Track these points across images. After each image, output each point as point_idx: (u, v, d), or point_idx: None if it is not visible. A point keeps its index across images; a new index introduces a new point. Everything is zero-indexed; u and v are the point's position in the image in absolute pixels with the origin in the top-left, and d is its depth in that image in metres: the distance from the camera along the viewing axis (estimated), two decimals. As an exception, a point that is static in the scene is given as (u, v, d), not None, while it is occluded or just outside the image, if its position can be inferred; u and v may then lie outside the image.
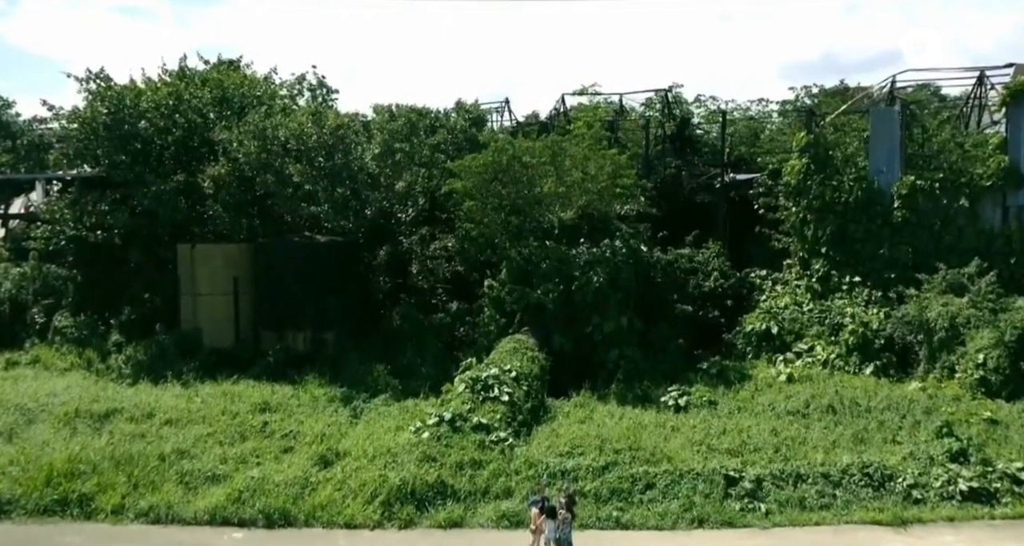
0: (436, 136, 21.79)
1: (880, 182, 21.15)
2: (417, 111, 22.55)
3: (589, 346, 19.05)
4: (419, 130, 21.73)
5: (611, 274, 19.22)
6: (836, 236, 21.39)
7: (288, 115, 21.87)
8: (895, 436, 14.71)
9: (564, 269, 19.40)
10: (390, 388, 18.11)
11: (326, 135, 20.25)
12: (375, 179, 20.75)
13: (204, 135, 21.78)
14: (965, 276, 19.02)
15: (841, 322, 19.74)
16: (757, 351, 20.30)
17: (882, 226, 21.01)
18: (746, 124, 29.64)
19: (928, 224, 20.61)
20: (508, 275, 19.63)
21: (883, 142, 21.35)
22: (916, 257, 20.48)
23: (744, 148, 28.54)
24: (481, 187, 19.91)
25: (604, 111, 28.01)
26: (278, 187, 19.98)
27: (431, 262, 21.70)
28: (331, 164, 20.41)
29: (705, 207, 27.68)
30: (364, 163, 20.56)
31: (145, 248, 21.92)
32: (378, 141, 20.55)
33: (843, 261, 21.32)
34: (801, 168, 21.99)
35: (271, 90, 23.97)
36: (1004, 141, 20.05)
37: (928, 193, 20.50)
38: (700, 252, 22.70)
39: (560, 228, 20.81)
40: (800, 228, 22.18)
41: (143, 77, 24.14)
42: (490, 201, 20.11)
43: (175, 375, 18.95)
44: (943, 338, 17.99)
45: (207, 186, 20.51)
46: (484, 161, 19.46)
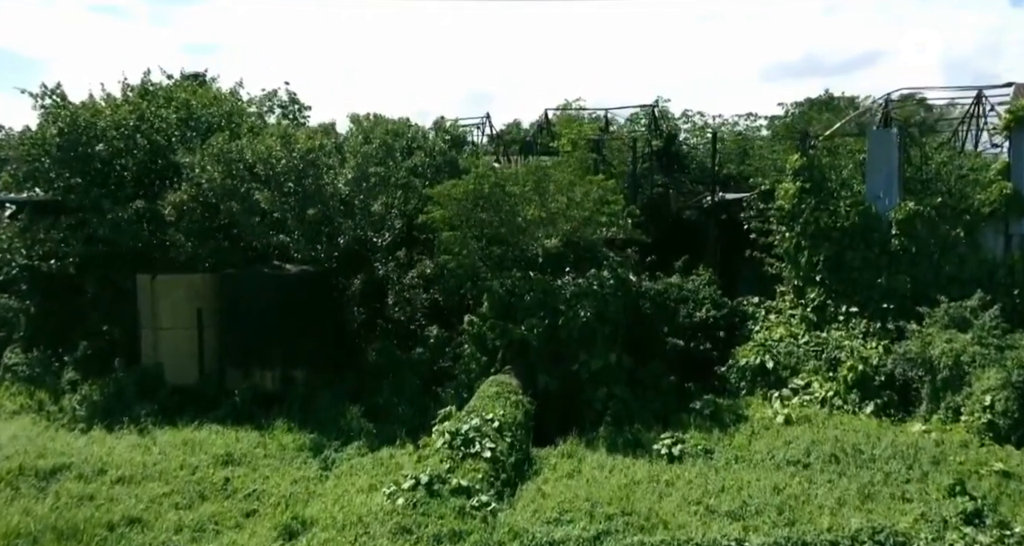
0: (413, 158, 20.62)
1: (877, 207, 20.31)
2: (394, 131, 21.37)
3: (576, 385, 18.00)
4: (395, 152, 20.55)
5: (599, 308, 18.20)
6: (832, 264, 20.53)
7: (257, 136, 20.60)
8: (904, 493, 13.77)
9: (549, 302, 18.34)
10: (364, 433, 16.96)
11: (296, 159, 19.01)
12: (348, 204, 19.54)
13: (167, 157, 20.43)
14: (967, 309, 18.18)
15: (839, 357, 18.86)
16: (751, 387, 19.38)
17: (880, 254, 20.17)
18: (734, 140, 28.73)
19: (927, 252, 19.79)
20: (490, 309, 18.52)
21: (880, 165, 20.50)
22: (915, 287, 19.65)
23: (733, 166, 27.65)
24: (461, 215, 18.79)
25: (589, 128, 26.95)
26: (244, 215, 18.73)
27: (409, 292, 20.53)
28: (301, 189, 19.17)
29: (693, 225, 26.81)
30: (337, 188, 19.34)
31: (102, 278, 20.56)
32: (351, 165, 19.34)
33: (839, 290, 20.46)
34: (795, 192, 21.10)
35: (239, 108, 22.65)
36: (1006, 167, 19.26)
37: (927, 220, 19.66)
38: (690, 279, 21.74)
39: (544, 257, 19.74)
40: (794, 254, 21.29)
41: (102, 93, 22.77)
42: (470, 230, 18.99)
43: (132, 419, 17.65)
44: (947, 377, 17.13)
45: (168, 213, 19.18)
46: (464, 189, 18.34)
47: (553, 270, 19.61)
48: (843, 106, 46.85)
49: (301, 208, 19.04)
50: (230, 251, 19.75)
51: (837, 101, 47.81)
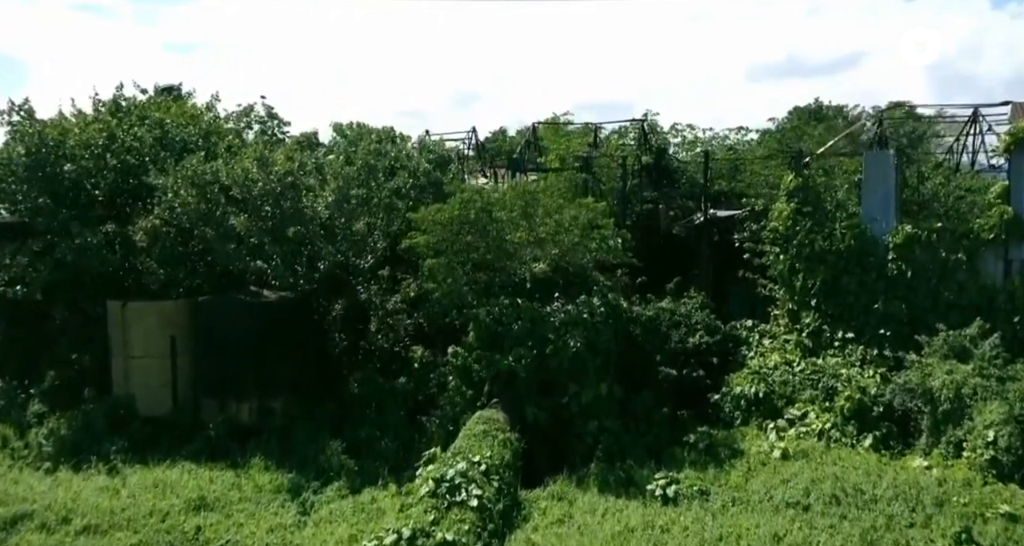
0: (397, 179, 19.87)
1: (874, 230, 19.79)
2: (377, 151, 20.61)
3: (565, 417, 17.35)
4: (378, 172, 19.80)
5: (589, 337, 17.56)
6: (827, 288, 20.01)
7: (234, 155, 19.80)
8: (908, 540, 13.22)
9: (538, 330, 17.68)
10: (345, 472, 16.22)
11: (273, 181, 18.22)
12: (329, 228, 18.79)
13: (140, 178, 19.58)
14: (967, 338, 17.68)
15: (836, 386, 18.31)
16: (746, 416, 18.82)
17: (876, 279, 19.65)
18: (725, 155, 28.18)
19: (925, 278, 19.27)
20: (476, 339, 17.82)
21: (876, 187, 19.98)
22: (913, 313, 19.15)
23: (724, 182, 27.10)
24: (445, 240, 18.08)
25: (577, 143, 26.30)
26: (219, 241, 17.92)
27: (392, 317, 19.79)
28: (279, 213, 18.39)
29: (684, 242, 26.27)
30: (316, 211, 18.57)
31: (71, 304, 19.70)
32: (332, 188, 18.58)
33: (835, 315, 19.95)
34: (789, 213, 20.56)
35: (215, 126, 21.81)
36: (1006, 190, 18.77)
37: (926, 244, 19.15)
38: (682, 303, 21.14)
39: (532, 282, 19.08)
40: (788, 277, 20.75)
41: (72, 109, 21.89)
42: (455, 256, 18.29)
43: (101, 457, 16.84)
44: (947, 410, 16.59)
45: (139, 239, 18.35)
46: (449, 214, 17.63)
47: (542, 295, 18.97)
48: (831, 115, 46.49)
49: (279, 232, 18.25)
50: (205, 277, 18.94)
51: (825, 110, 47.57)
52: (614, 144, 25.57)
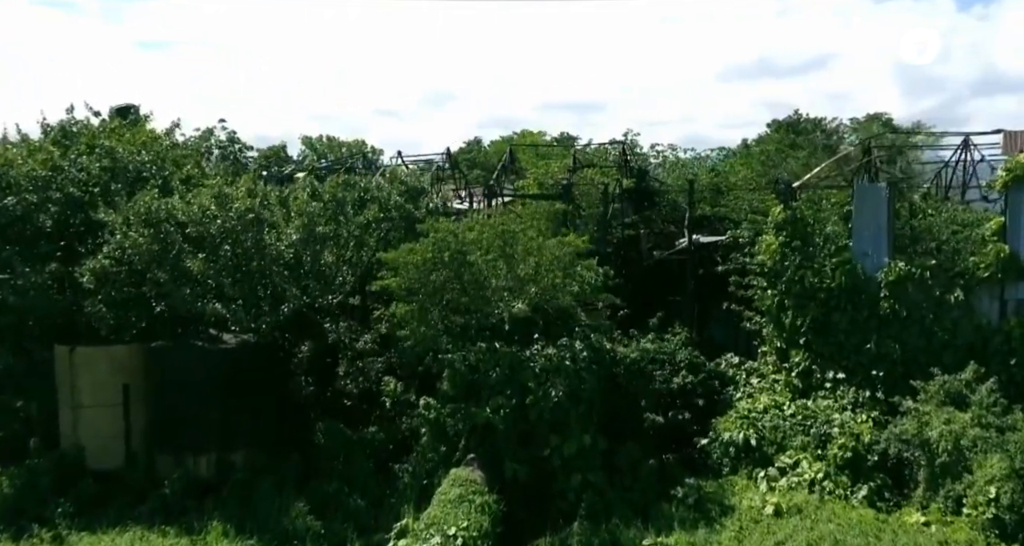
0: (367, 212, 18.72)
1: (865, 266, 19.02)
2: (346, 182, 19.44)
3: (547, 472, 16.39)
4: (346, 206, 18.65)
5: (572, 386, 16.59)
6: (817, 326, 19.22)
7: (192, 186, 18.54)
8: (914, 617, 12.44)
9: (517, 378, 16.68)
10: (310, 536, 15.09)
11: (233, 219, 17.00)
12: (293, 268, 17.61)
13: (88, 213, 18.23)
14: (963, 383, 16.97)
15: (828, 432, 17.53)
16: (735, 464, 17.99)
17: (868, 317, 18.88)
18: (707, 178, 27.38)
19: (919, 317, 18.53)
20: (451, 387, 16.76)
21: (868, 222, 19.22)
22: (906, 353, 18.41)
23: (706, 205, 26.30)
24: (418, 282, 16.99)
25: (556, 167, 25.33)
26: (173, 286, 16.65)
27: (362, 360, 18.66)
28: (240, 252, 17.18)
29: (666, 268, 25.49)
30: (280, 250, 17.38)
31: (16, 348, 18.31)
32: (297, 225, 17.39)
33: (825, 354, 19.16)
34: (777, 248, 19.75)
35: (173, 155, 20.47)
36: (1002, 227, 18.08)
37: (919, 282, 18.41)
38: (666, 339, 20.27)
39: (511, 323, 18.03)
40: (776, 314, 19.94)
41: (17, 134, 20.48)
42: (429, 297, 17.21)
43: (46, 522, 15.53)
44: (946, 462, 15.85)
45: (87, 281, 17.02)
46: (422, 256, 16.55)
47: (521, 337, 17.96)
48: (810, 129, 46.17)
49: (240, 273, 17.04)
50: (160, 320, 17.66)
51: (803, 121, 47.18)
52: (593, 171, 24.62)
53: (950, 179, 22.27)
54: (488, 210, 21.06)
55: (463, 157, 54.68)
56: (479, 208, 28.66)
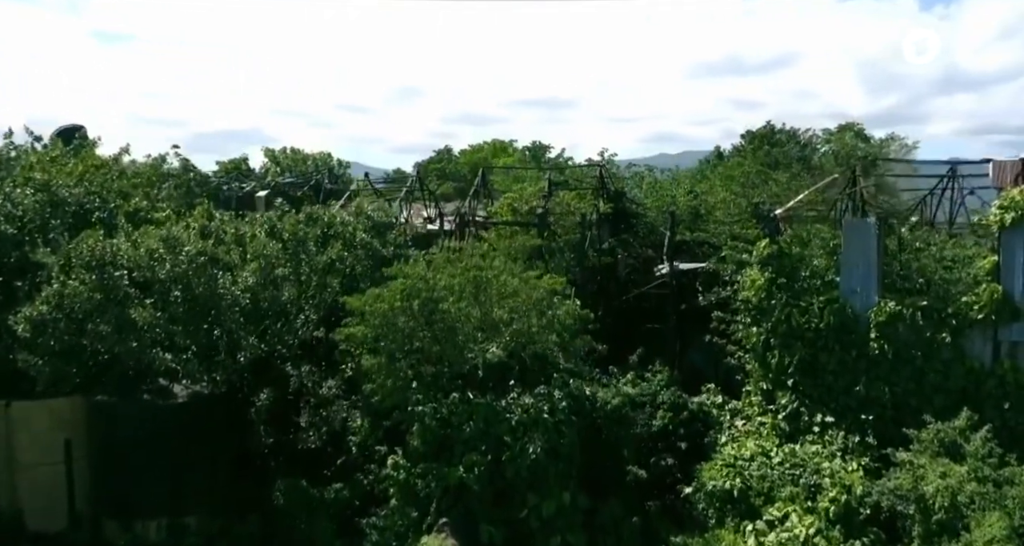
0: (330, 250, 17.50)
1: (854, 305, 18.27)
2: (309, 216, 18.20)
3: (525, 534, 15.37)
4: (308, 242, 17.40)
5: (551, 441, 15.58)
6: (805, 366, 18.45)
7: (140, 222, 17.15)
8: None
9: (492, 432, 15.63)
10: (269, 613, 13.96)
11: (183, 263, 15.68)
12: (250, 314, 16.34)
13: (24, 253, 16.77)
14: (957, 431, 16.26)
15: (818, 482, 16.74)
16: (721, 515, 17.11)
17: (857, 358, 18.13)
18: (685, 200, 26.52)
19: (909, 358, 17.81)
20: (421, 443, 15.64)
21: (856, 258, 18.45)
22: (896, 396, 17.72)
23: (686, 230, 25.44)
24: (385, 329, 15.84)
25: (531, 192, 24.28)
26: (117, 338, 15.29)
27: (326, 408, 17.46)
28: (191, 299, 15.87)
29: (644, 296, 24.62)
30: (236, 296, 16.09)
31: (-54, 400, 16.80)
32: (253, 268, 16.12)
33: (813, 396, 18.40)
34: (763, 284, 18.93)
35: (119, 186, 19.01)
36: (996, 266, 17.40)
37: (910, 323, 17.68)
38: (647, 378, 19.39)
39: (485, 369, 16.97)
40: (762, 353, 19.14)
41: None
42: (397, 346, 16.07)
43: (-26, 600, 14.20)
44: (942, 520, 15.12)
45: (22, 330, 15.60)
46: (390, 303, 15.39)
47: (496, 384, 16.93)
48: (784, 140, 45.67)
49: (191, 321, 15.73)
50: (104, 371, 16.29)
51: (779, 134, 46.67)
52: (570, 196, 23.61)
53: (936, 208, 21.61)
54: (460, 243, 19.93)
55: (432, 167, 53.41)
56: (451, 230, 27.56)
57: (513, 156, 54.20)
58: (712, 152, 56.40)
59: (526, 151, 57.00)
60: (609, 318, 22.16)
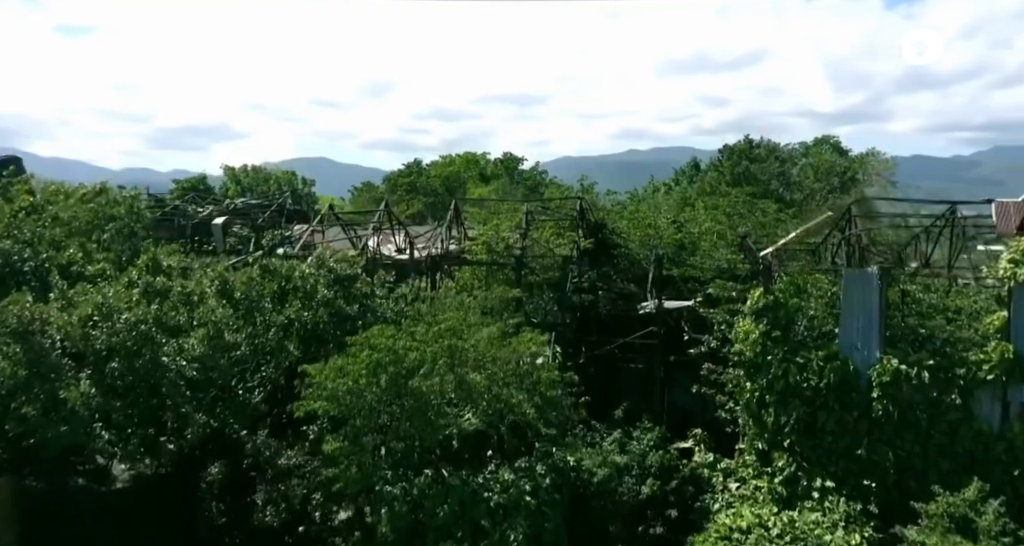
0: (288, 309, 15.88)
1: (855, 361, 17.10)
2: (266, 268, 16.55)
3: (506, 629, 13.97)
4: (264, 299, 15.76)
5: (534, 526, 14.18)
6: (803, 427, 17.26)
7: (75, 278, 15.37)
8: None
9: (469, 515, 14.19)
10: None
11: (122, 331, 13.97)
12: (198, 385, 14.67)
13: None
14: (967, 504, 15.17)
15: (822, 560, 15.56)
16: (717, 595, 15.90)
17: (859, 418, 16.98)
18: (669, 231, 25.23)
19: (914, 419, 16.70)
20: (391, 529, 14.14)
21: (857, 311, 17.30)
22: (900, 460, 16.61)
23: (672, 267, 24.14)
24: (349, 404, 14.28)
25: (506, 226, 22.80)
26: (44, 422, 13.50)
27: (284, 482, 15.85)
28: (131, 371, 14.16)
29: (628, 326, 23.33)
30: (182, 367, 14.41)
31: None
32: (201, 336, 14.44)
33: (812, 458, 17.21)
34: (758, 338, 17.68)
35: (51, 236, 17.14)
36: (1005, 324, 16.32)
37: (915, 383, 16.54)
38: (635, 436, 18.08)
39: (460, 441, 15.49)
40: (757, 411, 17.90)
41: None
42: (363, 420, 14.53)
43: None
44: (958, 608, 14.02)
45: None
46: (354, 379, 13.84)
47: (472, 456, 15.49)
48: (764, 156, 44.80)
49: (132, 397, 14.04)
50: (32, 450, 14.51)
51: (758, 148, 45.76)
52: (548, 232, 22.17)
53: (932, 248, 20.51)
54: (432, 293, 18.42)
55: (402, 181, 51.57)
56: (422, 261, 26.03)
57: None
58: (688, 163, 55.52)
59: (498, 163, 55.41)
60: (592, 366, 20.85)
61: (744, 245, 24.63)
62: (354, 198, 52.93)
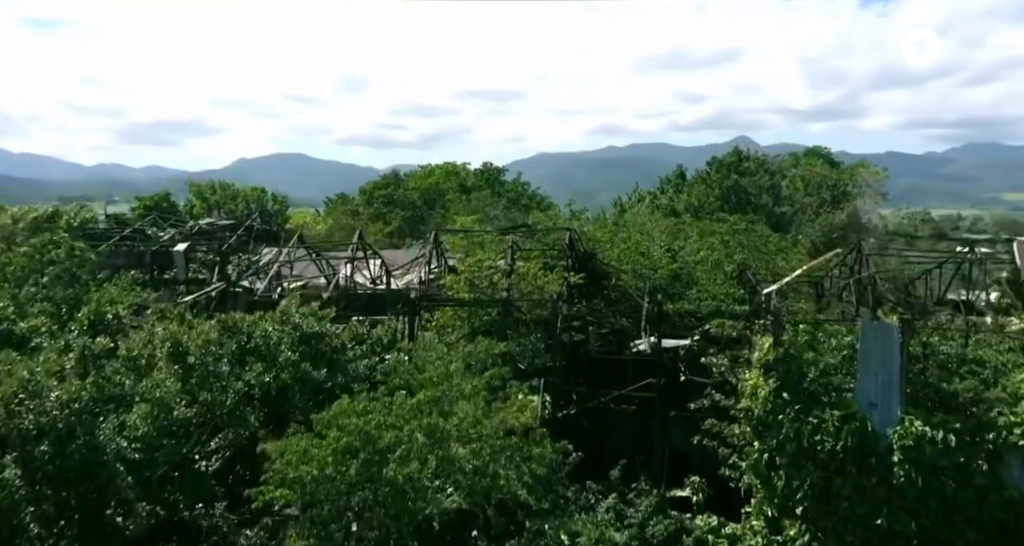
0: (248, 374, 14.10)
1: (874, 422, 15.66)
2: (224, 326, 14.75)
3: None
4: (221, 362, 13.98)
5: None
6: (817, 492, 15.79)
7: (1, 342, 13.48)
8: None
9: (453, 612, 12.57)
10: None
11: (53, 409, 12.12)
12: (143, 466, 12.86)
13: None
14: (1002, 584, 13.82)
15: None
16: None
17: (878, 484, 15.54)
18: (664, 261, 23.69)
19: (938, 486, 15.29)
20: (365, 632, 12.46)
21: (875, 366, 15.88)
22: (923, 530, 15.20)
23: (668, 302, 22.60)
24: (315, 491, 12.56)
25: (490, 261, 21.14)
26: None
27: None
28: (63, 455, 12.32)
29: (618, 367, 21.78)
30: (122, 448, 12.59)
31: None
32: (144, 413, 12.62)
33: (827, 528, 15.75)
34: (768, 395, 16.19)
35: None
36: (1039, 383, 14.94)
37: (940, 447, 15.12)
38: (632, 501, 16.57)
39: (442, 523, 13.83)
40: (767, 474, 16.42)
41: None
42: (331, 504, 12.82)
43: None
44: None
45: None
46: (321, 467, 12.11)
47: (455, 539, 13.85)
48: (754, 169, 43.41)
49: (65, 483, 12.23)
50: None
51: (744, 159, 44.37)
52: (535, 268, 20.51)
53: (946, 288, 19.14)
54: (407, 345, 16.73)
55: (379, 193, 49.47)
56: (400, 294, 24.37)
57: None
58: (674, 172, 54.15)
59: (479, 174, 53.55)
60: (585, 417, 19.32)
61: (743, 277, 23.14)
62: (329, 209, 50.75)
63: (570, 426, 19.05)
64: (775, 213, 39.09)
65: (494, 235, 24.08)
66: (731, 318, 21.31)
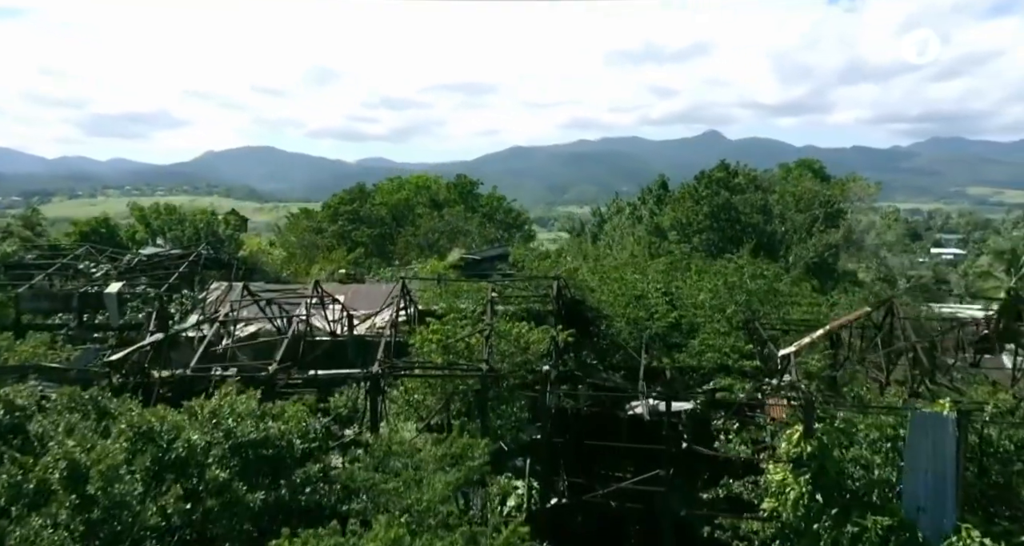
0: (167, 497, 11.18)
1: (923, 529, 13.24)
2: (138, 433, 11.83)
3: None
4: (134, 487, 11.07)
5: None
6: (859, 611, 13.37)
7: None
8: None
9: None
10: None
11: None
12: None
13: None
14: None
15: None
16: None
17: (930, 604, 13.17)
18: (663, 309, 21.12)
19: (1000, 606, 12.95)
20: None
21: (924, 462, 13.49)
22: None
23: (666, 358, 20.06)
24: None
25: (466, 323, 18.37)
26: None
27: None
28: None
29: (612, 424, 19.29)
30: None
31: None
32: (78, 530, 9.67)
33: None
34: (798, 495, 13.70)
35: None
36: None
37: (1005, 564, 12.76)
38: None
39: None
40: (799, 587, 13.94)
41: None
42: None
43: None
44: None
45: None
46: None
47: None
48: (744, 185, 40.99)
49: None
50: None
51: (737, 176, 41.95)
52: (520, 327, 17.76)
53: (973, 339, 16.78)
54: (372, 437, 13.92)
55: (344, 208, 46.09)
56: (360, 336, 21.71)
57: (439, 190, 47.56)
58: (656, 182, 51.83)
59: (451, 187, 50.42)
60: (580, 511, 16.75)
61: (750, 327, 20.74)
62: (290, 226, 47.04)
63: (562, 519, 16.49)
64: (766, 232, 36.82)
65: (470, 284, 21.31)
66: (739, 375, 18.94)
